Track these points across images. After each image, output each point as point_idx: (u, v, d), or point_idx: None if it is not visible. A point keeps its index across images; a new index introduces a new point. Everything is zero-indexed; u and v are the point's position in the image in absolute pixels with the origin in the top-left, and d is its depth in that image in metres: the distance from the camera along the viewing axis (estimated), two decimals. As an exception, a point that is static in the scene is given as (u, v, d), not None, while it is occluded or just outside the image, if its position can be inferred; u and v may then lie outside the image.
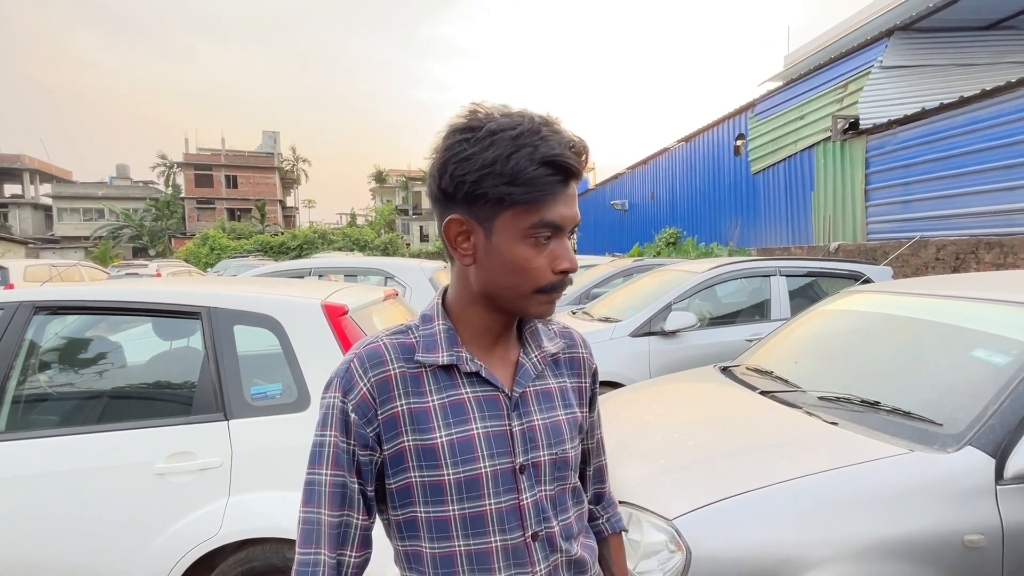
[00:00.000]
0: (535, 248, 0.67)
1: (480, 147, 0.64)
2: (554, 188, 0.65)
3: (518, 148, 0.64)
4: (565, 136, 0.67)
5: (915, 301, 2.36)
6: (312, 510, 0.69)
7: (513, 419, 0.72)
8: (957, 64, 8.78)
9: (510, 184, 0.64)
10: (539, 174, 0.64)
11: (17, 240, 25.82)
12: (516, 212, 0.66)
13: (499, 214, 0.67)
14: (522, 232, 0.66)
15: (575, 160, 0.66)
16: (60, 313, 2.01)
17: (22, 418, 1.89)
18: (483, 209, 0.67)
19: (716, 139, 13.21)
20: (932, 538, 1.42)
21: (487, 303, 0.72)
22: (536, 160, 0.64)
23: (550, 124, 0.67)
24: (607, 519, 0.92)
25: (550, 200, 0.66)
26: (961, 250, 6.59)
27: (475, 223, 0.68)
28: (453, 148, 0.66)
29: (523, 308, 0.71)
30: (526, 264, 0.67)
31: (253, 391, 1.87)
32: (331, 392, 0.70)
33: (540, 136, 0.65)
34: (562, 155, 0.65)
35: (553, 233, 0.68)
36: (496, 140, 0.64)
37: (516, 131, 0.64)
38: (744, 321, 4.44)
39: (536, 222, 0.66)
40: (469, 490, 0.69)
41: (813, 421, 1.83)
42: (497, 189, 0.65)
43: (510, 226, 0.67)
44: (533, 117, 0.67)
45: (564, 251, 0.69)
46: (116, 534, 1.75)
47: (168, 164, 36.91)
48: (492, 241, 0.68)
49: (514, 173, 0.64)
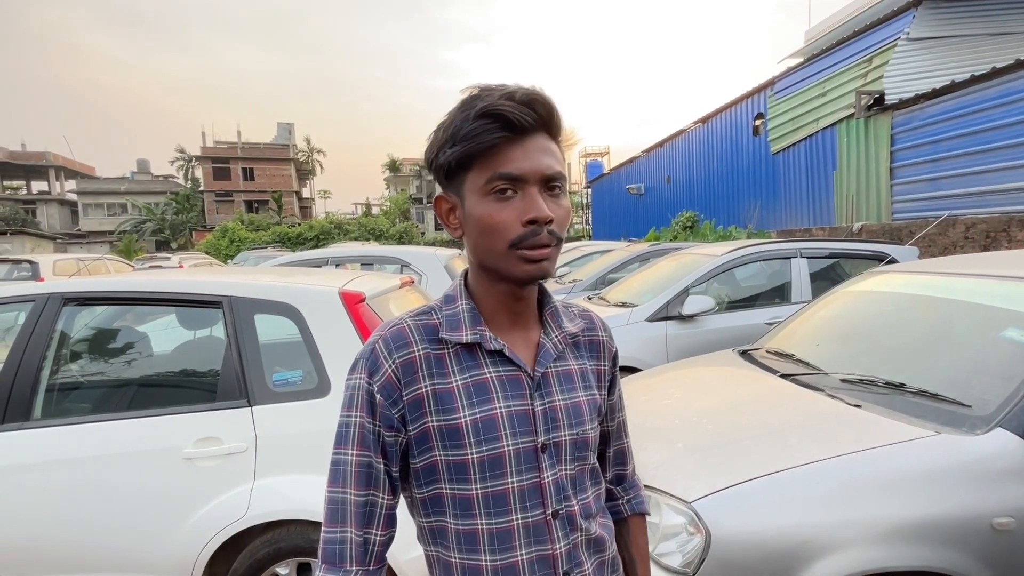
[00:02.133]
0: (498, 203, 0.67)
1: (437, 129, 0.69)
2: (494, 138, 0.65)
3: (459, 112, 0.67)
4: (507, 89, 0.67)
5: (942, 280, 2.29)
6: (338, 490, 0.70)
7: (535, 399, 0.73)
8: (989, 34, 8.40)
9: (454, 145, 0.67)
10: (475, 127, 0.65)
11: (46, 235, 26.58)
12: (475, 172, 0.68)
13: (464, 180, 0.69)
14: (481, 190, 0.68)
15: (513, 108, 0.65)
16: (88, 304, 2.07)
17: (56, 406, 1.96)
18: (453, 181, 0.70)
19: (734, 119, 12.90)
20: (959, 521, 1.40)
21: (486, 273, 0.73)
22: (472, 116, 0.65)
23: (500, 88, 0.67)
24: (627, 500, 0.92)
25: (501, 152, 0.66)
26: (992, 228, 6.37)
27: (454, 196, 0.71)
28: (431, 137, 0.71)
29: (506, 269, 0.69)
30: (490, 220, 0.67)
31: (275, 378, 1.91)
32: (357, 373, 0.71)
33: (480, 98, 0.66)
34: (496, 105, 0.65)
35: (514, 186, 0.67)
36: (448, 115, 0.68)
37: (461, 101, 0.67)
38: (763, 304, 4.37)
39: (490, 175, 0.67)
40: (492, 468, 0.70)
41: (835, 404, 1.80)
42: (445, 154, 0.68)
43: (472, 188, 0.69)
44: (485, 84, 0.68)
45: (531, 202, 0.67)
46: (149, 516, 1.82)
47: (187, 158, 37.46)
48: (465, 208, 0.70)
49: (454, 133, 0.66)
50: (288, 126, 41.12)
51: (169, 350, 2.29)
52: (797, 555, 1.37)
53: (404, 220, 33.71)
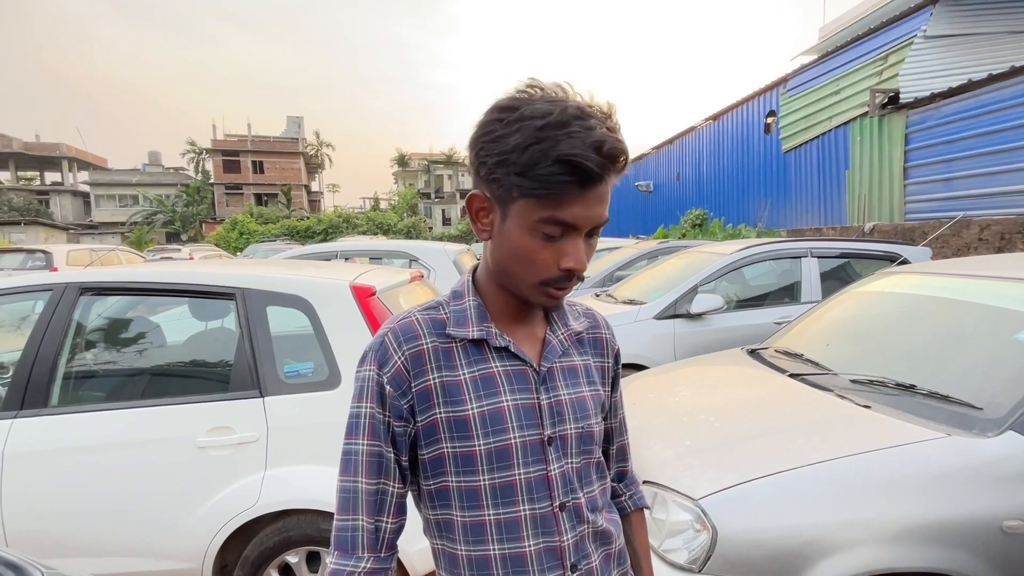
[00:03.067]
0: (543, 242, 0.66)
1: (507, 131, 0.63)
2: (566, 189, 0.62)
3: (538, 140, 0.61)
4: (594, 134, 0.61)
5: (955, 282, 2.27)
6: (350, 479, 0.71)
7: (541, 392, 0.74)
8: (1009, 31, 8.25)
9: (521, 176, 0.63)
10: (550, 172, 0.61)
11: (59, 226, 26.94)
12: (527, 204, 0.65)
13: (514, 201, 0.66)
14: (531, 224, 0.65)
15: (594, 163, 0.61)
16: (104, 294, 2.11)
17: (73, 393, 2.00)
18: (499, 192, 0.67)
19: (745, 117, 12.78)
20: (969, 523, 1.39)
21: (500, 280, 0.74)
22: (551, 157, 0.61)
23: (585, 117, 0.62)
24: (629, 496, 0.94)
25: (565, 199, 0.63)
26: (1007, 230, 6.28)
27: (494, 203, 0.68)
28: (487, 126, 0.66)
29: (526, 295, 0.71)
30: (531, 256, 0.67)
31: (286, 369, 1.93)
32: (367, 365, 0.73)
33: (566, 131, 0.61)
34: (580, 156, 0.61)
35: (564, 231, 0.66)
36: (522, 127, 0.62)
37: (543, 121, 0.61)
38: (773, 304, 4.34)
39: (546, 217, 0.64)
40: (499, 460, 0.71)
41: (844, 404, 1.80)
42: (509, 179, 0.64)
43: (522, 215, 0.66)
44: (568, 107, 0.62)
45: (574, 250, 0.67)
46: (162, 503, 1.85)
47: (197, 151, 37.73)
48: (506, 225, 0.68)
49: (527, 166, 0.62)
50: (298, 120, 41.27)
51: (183, 341, 2.32)
52: (803, 554, 1.37)
53: (412, 215, 33.77)
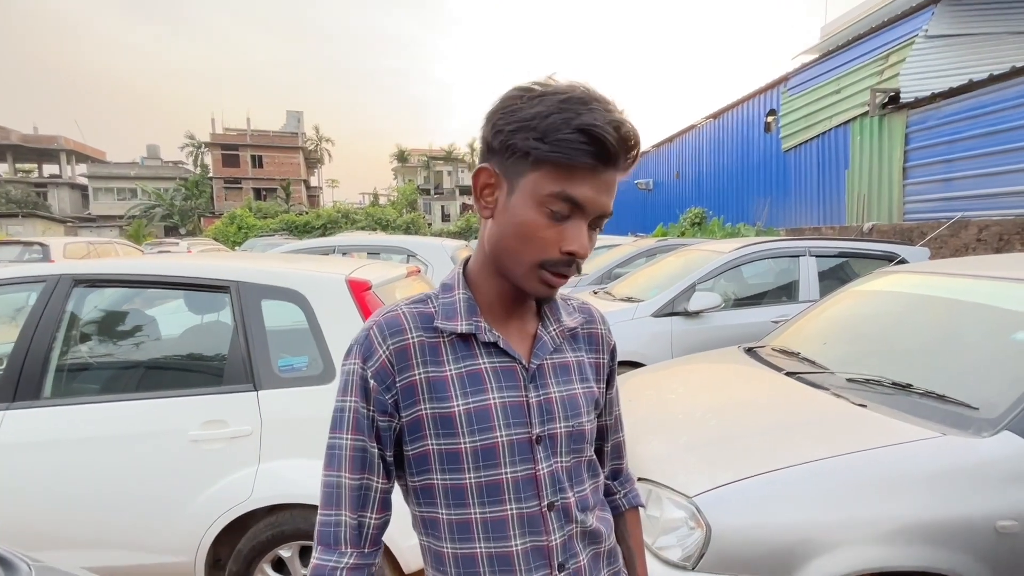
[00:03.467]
0: (548, 219, 0.65)
1: (528, 104, 0.64)
2: (582, 160, 0.63)
3: (560, 111, 0.63)
4: (614, 115, 0.64)
5: (953, 282, 2.26)
6: (333, 473, 0.71)
7: (530, 390, 0.73)
8: (1010, 32, 8.23)
9: (540, 140, 0.63)
10: (570, 138, 0.62)
11: (56, 219, 26.84)
12: (541, 176, 0.65)
13: (525, 173, 0.65)
14: (540, 198, 0.65)
15: (613, 137, 0.62)
16: (98, 286, 2.09)
17: (65, 386, 1.99)
18: (513, 164, 0.66)
19: (745, 115, 12.76)
20: (963, 523, 1.39)
21: (494, 267, 0.72)
22: (573, 125, 0.62)
23: (605, 101, 0.64)
24: (624, 494, 0.93)
25: (578, 174, 0.64)
26: (1006, 231, 6.28)
27: (502, 177, 0.67)
28: (506, 103, 0.66)
29: (521, 279, 0.69)
30: (534, 232, 0.66)
31: (280, 363, 1.92)
32: (351, 359, 0.72)
33: (588, 106, 0.63)
34: (600, 127, 0.62)
35: (572, 211, 0.65)
36: (543, 100, 0.63)
37: (566, 95, 0.63)
38: (771, 302, 4.34)
39: (557, 191, 0.64)
40: (486, 458, 0.70)
41: (840, 403, 1.80)
42: (526, 143, 0.63)
43: (532, 188, 0.65)
44: (590, 90, 0.65)
45: (578, 234, 0.66)
46: (154, 496, 1.84)
47: (196, 144, 37.58)
48: (512, 199, 0.67)
49: (547, 130, 0.62)
50: (297, 114, 41.12)
51: (177, 334, 2.31)
52: (797, 552, 1.37)
53: (411, 210, 33.71)
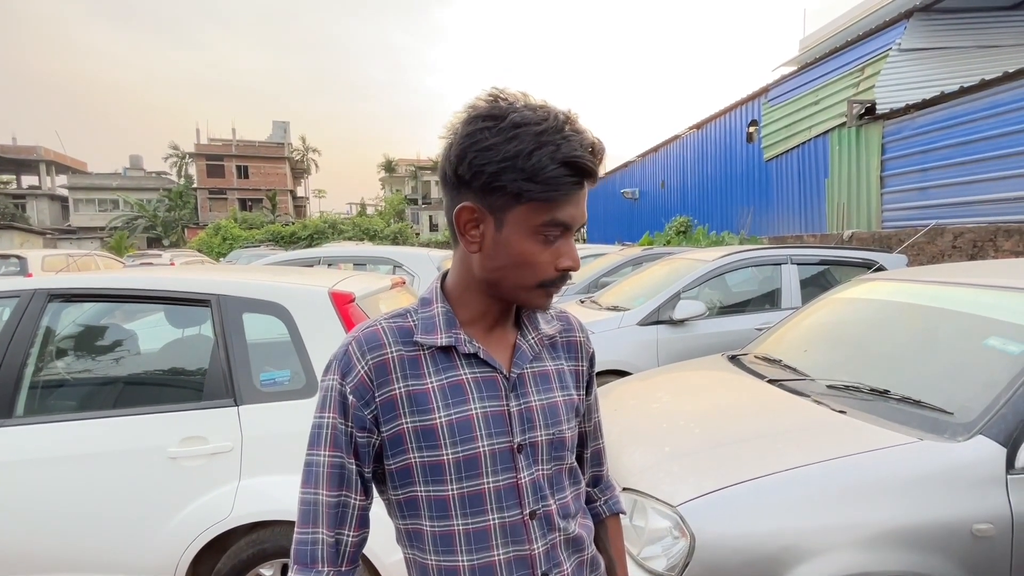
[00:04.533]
0: (543, 245, 0.69)
1: (503, 138, 0.64)
2: (570, 189, 0.66)
3: (541, 145, 0.64)
4: (586, 137, 0.67)
5: (928, 289, 2.32)
6: (310, 491, 0.70)
7: (511, 399, 0.73)
8: (979, 46, 8.52)
9: (529, 180, 0.64)
10: (558, 174, 0.65)
11: (35, 231, 26.28)
12: (530, 208, 0.67)
13: (512, 208, 0.67)
14: (533, 228, 0.67)
15: (593, 163, 0.67)
16: (74, 301, 2.05)
17: (39, 403, 1.94)
18: (498, 200, 0.67)
19: (728, 125, 12.99)
20: (940, 527, 1.41)
21: (487, 290, 0.73)
22: (557, 159, 0.64)
23: (572, 123, 0.67)
24: (605, 501, 0.93)
25: (564, 200, 0.67)
26: (979, 237, 6.45)
27: (487, 212, 0.68)
28: (475, 135, 0.65)
29: (523, 299, 0.73)
30: (532, 259, 0.69)
31: (262, 377, 1.90)
32: (330, 375, 0.72)
33: (563, 135, 0.65)
34: (582, 157, 0.65)
35: (561, 232, 0.69)
36: (519, 134, 0.64)
37: (540, 127, 0.64)
38: (754, 310, 4.39)
39: (548, 220, 0.67)
40: (468, 469, 0.70)
41: (821, 410, 1.82)
42: (516, 184, 0.65)
43: (522, 221, 0.67)
44: (557, 114, 0.67)
45: (569, 249, 0.71)
46: (132, 515, 1.80)
47: (180, 155, 37.19)
48: (502, 233, 0.68)
49: (535, 170, 0.64)
50: (284, 124, 40.96)
51: (156, 348, 2.27)
52: (781, 559, 1.38)
53: (399, 221, 33.64)
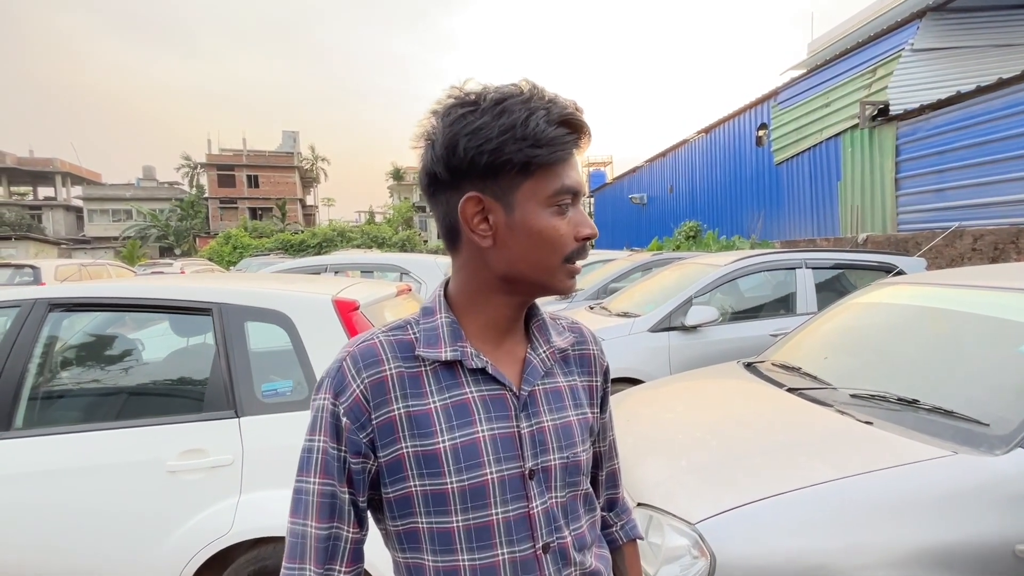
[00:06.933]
0: (559, 216, 0.65)
1: (491, 116, 0.61)
2: (570, 148, 0.64)
3: (532, 111, 0.61)
4: (563, 100, 0.65)
5: (955, 293, 2.22)
6: (299, 521, 0.64)
7: (521, 420, 0.66)
8: (994, 45, 8.38)
9: (535, 146, 0.61)
10: (559, 133, 0.62)
11: (50, 241, 26.72)
12: (537, 180, 0.63)
13: (519, 186, 0.63)
14: (546, 200, 0.64)
15: (582, 121, 0.65)
16: (75, 310, 2.02)
17: (38, 415, 1.90)
18: (502, 182, 0.63)
19: (737, 129, 12.89)
20: (979, 547, 1.32)
21: (507, 287, 0.67)
22: (553, 120, 0.62)
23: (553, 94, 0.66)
24: (621, 526, 0.86)
25: (566, 164, 0.64)
26: (1000, 240, 6.29)
27: (493, 200, 0.63)
28: (459, 122, 0.62)
29: (550, 283, 0.67)
30: (554, 233, 0.64)
31: (264, 388, 1.85)
32: (322, 394, 0.65)
33: (548, 100, 0.63)
34: (573, 113, 0.64)
35: (572, 199, 0.66)
36: (507, 107, 0.61)
37: (524, 96, 0.63)
38: (768, 315, 4.29)
39: (559, 188, 0.64)
40: (474, 499, 0.63)
41: (845, 420, 1.73)
42: (522, 153, 0.61)
43: (532, 196, 0.64)
44: (533, 85, 0.65)
45: (583, 217, 0.67)
46: (129, 531, 1.75)
47: (192, 165, 37.68)
48: (515, 216, 0.64)
49: (536, 134, 0.61)
50: (293, 134, 41.39)
51: (156, 359, 2.23)
52: (808, 582, 1.29)
53: (407, 228, 33.77)
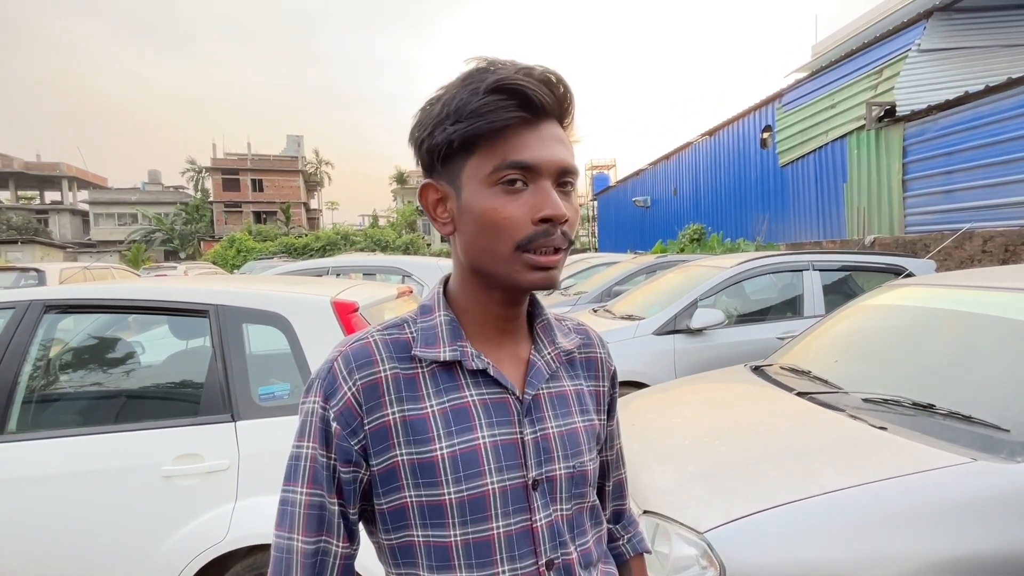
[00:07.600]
0: (506, 196, 0.57)
1: (434, 105, 0.59)
2: (509, 117, 0.55)
3: (464, 86, 0.57)
4: (519, 64, 0.57)
5: (970, 294, 2.16)
6: (285, 535, 0.59)
7: (524, 426, 0.62)
8: (1002, 45, 8.31)
9: (457, 122, 0.56)
10: (486, 101, 0.55)
11: (56, 244, 26.88)
12: (480, 158, 0.57)
13: (463, 167, 0.59)
14: (486, 179, 0.57)
15: (532, 83, 0.56)
16: (70, 312, 1.99)
17: (32, 419, 1.87)
18: (448, 166, 0.60)
19: (741, 132, 12.83)
20: (1001, 557, 1.27)
21: (480, 280, 0.62)
22: (483, 90, 0.55)
23: (510, 62, 0.58)
24: (628, 540, 0.82)
25: (513, 136, 0.56)
26: (1011, 241, 6.20)
27: (446, 185, 0.61)
28: (416, 118, 0.61)
29: (509, 275, 0.59)
30: (495, 215, 0.57)
31: (261, 391, 1.81)
32: (311, 396, 0.61)
33: (490, 71, 0.57)
34: (513, 79, 0.55)
35: (525, 177, 0.57)
36: (446, 88, 0.58)
37: (465, 73, 0.58)
38: (775, 318, 4.23)
39: (499, 163, 0.56)
40: (474, 511, 0.59)
41: (858, 425, 1.68)
42: (443, 132, 0.57)
43: (474, 175, 0.58)
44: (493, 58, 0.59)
45: (544, 196, 0.57)
46: (124, 537, 1.71)
47: (197, 169, 37.92)
48: (463, 199, 0.59)
49: (459, 110, 0.56)
50: (297, 138, 41.59)
51: (151, 362, 2.20)
52: (822, 595, 1.24)
53: (410, 231, 33.80)
